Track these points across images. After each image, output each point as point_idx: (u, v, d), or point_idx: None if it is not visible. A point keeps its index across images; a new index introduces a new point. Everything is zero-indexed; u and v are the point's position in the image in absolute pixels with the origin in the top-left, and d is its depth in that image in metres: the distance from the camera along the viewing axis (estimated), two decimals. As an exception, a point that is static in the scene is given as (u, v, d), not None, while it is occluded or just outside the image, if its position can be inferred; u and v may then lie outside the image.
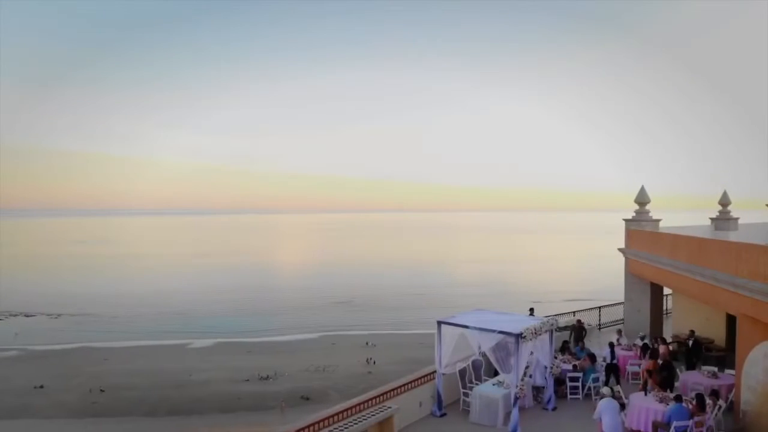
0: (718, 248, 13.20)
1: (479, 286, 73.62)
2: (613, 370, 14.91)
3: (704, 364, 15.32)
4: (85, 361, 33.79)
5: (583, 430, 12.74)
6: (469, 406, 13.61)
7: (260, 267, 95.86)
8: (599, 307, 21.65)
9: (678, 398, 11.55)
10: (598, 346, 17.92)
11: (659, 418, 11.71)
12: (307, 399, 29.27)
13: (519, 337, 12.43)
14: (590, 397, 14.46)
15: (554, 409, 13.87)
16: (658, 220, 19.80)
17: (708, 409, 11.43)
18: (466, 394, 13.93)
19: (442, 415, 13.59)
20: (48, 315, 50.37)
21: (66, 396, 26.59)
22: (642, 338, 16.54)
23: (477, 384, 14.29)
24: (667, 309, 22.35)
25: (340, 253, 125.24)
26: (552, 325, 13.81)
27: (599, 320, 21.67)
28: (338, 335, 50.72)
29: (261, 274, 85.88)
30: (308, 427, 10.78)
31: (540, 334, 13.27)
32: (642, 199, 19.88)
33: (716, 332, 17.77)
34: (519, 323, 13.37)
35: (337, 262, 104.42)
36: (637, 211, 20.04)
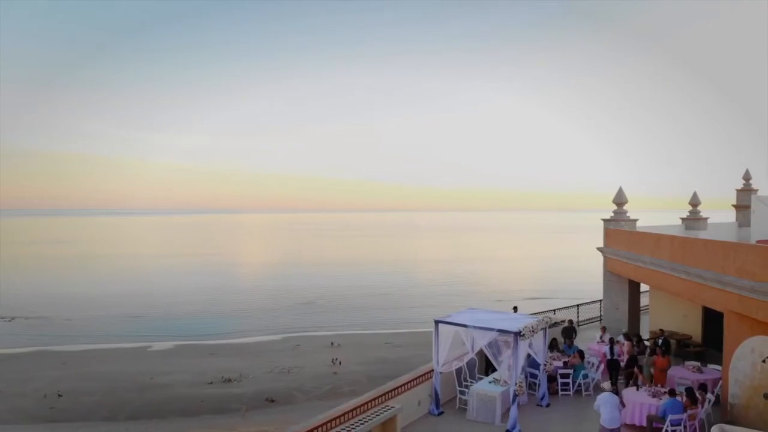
0: (704, 247, 13.97)
1: (442, 286, 74.69)
2: (615, 366, 15.47)
3: (684, 360, 16.18)
4: (41, 365, 32.71)
5: (576, 425, 13.28)
6: (465, 404, 13.93)
7: (222, 268, 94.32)
8: (577, 305, 22.49)
9: (672, 392, 12.19)
10: (579, 343, 18.58)
11: (653, 412, 12.34)
12: (272, 401, 29.28)
13: (518, 335, 12.82)
14: (580, 393, 15.04)
15: (548, 405, 14.36)
16: (635, 220, 20.73)
17: (700, 403, 12.12)
18: (462, 392, 14.24)
19: (440, 414, 13.86)
20: (1, 318, 48.61)
21: (22, 401, 25.69)
22: (625, 335, 17.28)
23: (472, 382, 14.62)
24: (641, 306, 23.42)
25: (303, 254, 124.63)
26: (546, 323, 14.26)
27: (577, 318, 22.51)
28: (303, 336, 50.63)
29: (222, 274, 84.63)
30: (318, 427, 10.81)
31: (536, 332, 13.70)
32: (620, 200, 20.75)
33: (693, 329, 18.77)
34: (516, 321, 13.77)
35: (300, 262, 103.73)
36: (615, 211, 20.92)
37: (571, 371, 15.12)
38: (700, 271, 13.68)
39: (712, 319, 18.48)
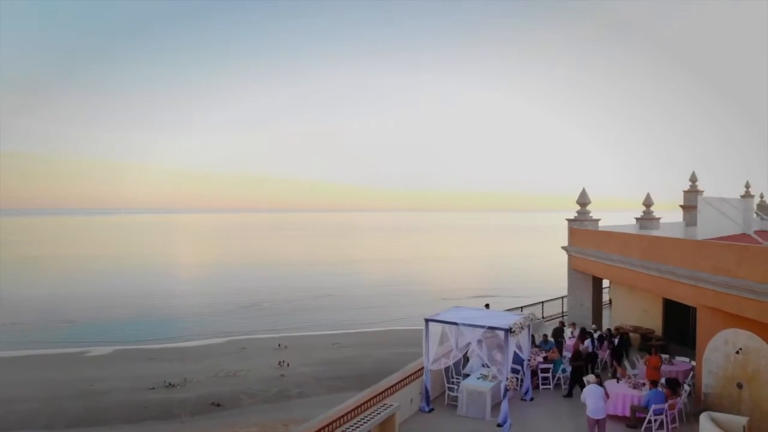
0: (676, 246, 15.06)
1: (387, 286, 75.40)
2: (593, 358, 16.33)
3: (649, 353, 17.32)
4: (-29, 373, 30.72)
5: (558, 417, 14.00)
6: (455, 401, 14.33)
7: (161, 269, 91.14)
8: (542, 302, 23.52)
9: (654, 384, 13.09)
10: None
11: (636, 403, 13.20)
12: (218, 405, 29.12)
13: (508, 331, 13.34)
14: (560, 386, 15.82)
15: (531, 399, 15.00)
16: (597, 220, 21.94)
17: (680, 393, 13.10)
18: (451, 389, 14.63)
19: (430, 411, 14.18)
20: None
21: (-48, 410, 24.14)
22: (594, 330, 18.30)
23: (458, 378, 15.03)
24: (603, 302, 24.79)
25: (247, 255, 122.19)
26: (531, 320, 14.88)
27: (542, 314, 23.56)
28: (247, 339, 49.99)
29: (162, 276, 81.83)
30: (324, 428, 10.81)
31: (523, 329, 14.29)
32: (583, 200, 21.89)
33: (654, 323, 20.12)
34: (503, 318, 14.31)
35: (244, 263, 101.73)
36: (578, 212, 22.04)
37: (551, 366, 15.87)
38: (673, 268, 14.73)
39: (672, 314, 19.93)
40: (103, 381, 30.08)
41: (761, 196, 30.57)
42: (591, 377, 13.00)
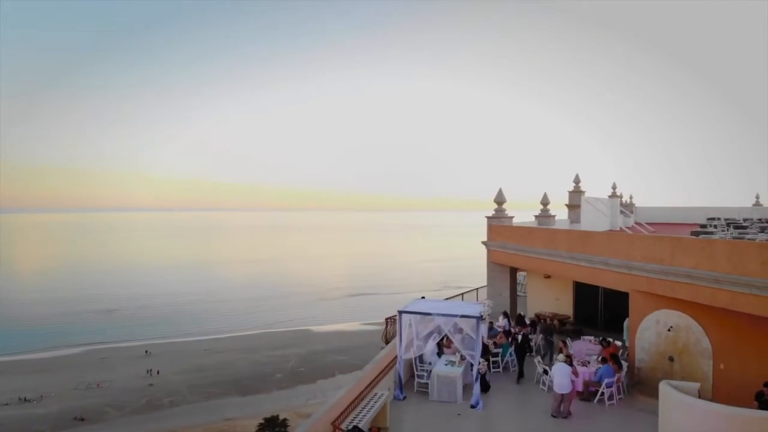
0: (607, 239, 17.29)
1: (255, 288, 73.50)
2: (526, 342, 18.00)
3: (567, 336, 19.57)
4: None
5: (514, 397, 15.38)
6: (425, 387, 15.01)
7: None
8: (462, 294, 25.09)
9: (604, 360, 15.00)
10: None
11: (588, 378, 15.01)
12: (82, 420, 27.74)
13: (479, 319, 14.42)
14: (508, 369, 17.26)
15: (488, 382, 16.20)
16: (512, 217, 24.07)
17: (623, 368, 15.16)
18: (420, 376, 15.27)
19: (404, 398, 14.68)
20: None
21: None
22: (521, 317, 20.18)
23: (423, 366, 15.74)
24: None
25: (97, 257, 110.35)
26: (490, 307, 16.12)
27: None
28: (108, 348, 46.37)
29: (3, 282, 71.22)
30: (336, 420, 10.87)
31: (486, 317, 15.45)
32: (500, 199, 23.90)
33: (566, 310, 22.64)
34: (470, 308, 15.39)
35: (96, 267, 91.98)
36: (496, 210, 23.99)
37: (500, 350, 17.28)
38: (604, 259, 16.89)
39: (581, 301, 22.63)
40: (-56, 399, 26.72)
41: (628, 196, 35.60)
42: (561, 356, 14.50)
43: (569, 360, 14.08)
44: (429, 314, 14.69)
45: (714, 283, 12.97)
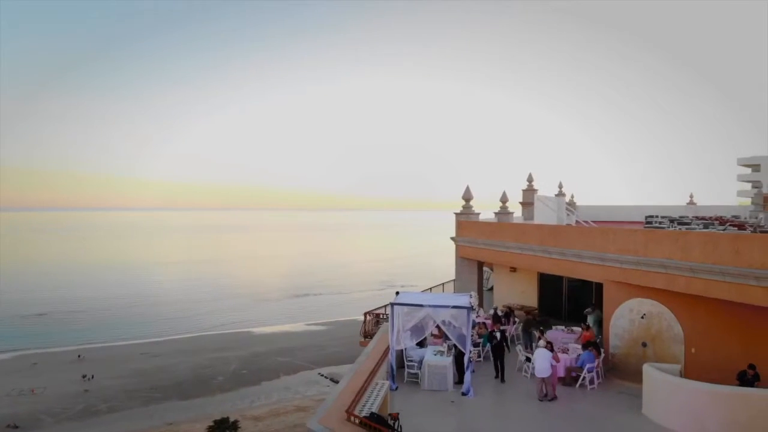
0: (580, 233, 18.21)
1: (194, 290, 71.23)
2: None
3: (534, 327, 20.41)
4: None
5: (501, 385, 15.94)
6: (415, 377, 15.30)
7: None
8: (430, 288, 25.55)
9: (585, 346, 15.83)
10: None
11: (569, 364, 15.80)
12: (16, 428, 26.59)
13: (470, 309, 14.90)
14: (488, 358, 17.82)
15: (473, 371, 16.68)
16: (478, 214, 24.82)
17: (601, 354, 16.05)
18: (410, 366, 15.54)
19: (396, 389, 14.89)
20: None
21: None
22: (495, 309, 20.85)
23: (411, 356, 16.02)
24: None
25: (37, 258, 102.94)
26: (475, 299, 16.61)
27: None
28: (38, 353, 44.40)
29: None
30: (348, 408, 10.97)
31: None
32: (467, 196, 24.60)
33: (531, 302, 23.59)
34: (458, 299, 15.83)
35: (24, 269, 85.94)
36: (464, 206, 24.67)
37: (481, 340, 17.84)
38: (578, 251, 17.81)
39: (546, 294, 23.65)
40: None
41: (572, 196, 37.47)
42: (542, 342, 15.17)
43: (550, 346, 14.76)
44: (421, 306, 14.97)
45: (689, 272, 13.99)
